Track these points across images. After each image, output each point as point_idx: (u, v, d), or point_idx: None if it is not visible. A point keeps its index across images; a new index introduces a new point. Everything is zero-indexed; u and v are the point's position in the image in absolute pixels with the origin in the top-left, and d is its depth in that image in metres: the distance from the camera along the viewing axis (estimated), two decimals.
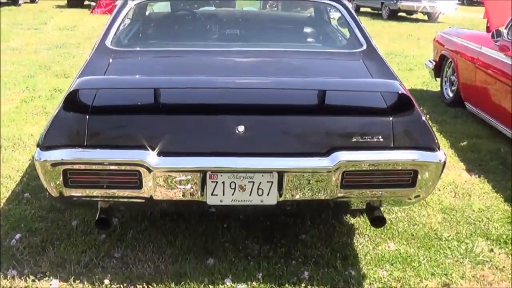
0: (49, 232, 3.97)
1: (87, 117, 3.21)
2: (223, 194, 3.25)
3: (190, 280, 3.44)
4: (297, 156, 3.23)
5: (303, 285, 3.46)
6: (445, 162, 3.30)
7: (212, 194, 3.25)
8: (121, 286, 3.40)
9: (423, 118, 3.38)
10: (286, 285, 3.45)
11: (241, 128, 3.20)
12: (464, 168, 5.47)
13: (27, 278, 3.44)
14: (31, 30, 13.69)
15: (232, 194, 3.26)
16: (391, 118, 3.29)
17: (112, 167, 3.17)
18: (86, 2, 22.44)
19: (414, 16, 22.94)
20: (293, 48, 4.46)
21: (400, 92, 3.31)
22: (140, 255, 3.72)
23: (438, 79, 8.13)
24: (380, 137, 3.25)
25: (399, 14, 22.68)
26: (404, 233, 4.12)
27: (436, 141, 3.32)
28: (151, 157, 3.13)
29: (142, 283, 3.42)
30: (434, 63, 8.10)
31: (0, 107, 6.88)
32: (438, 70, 8.01)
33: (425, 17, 22.62)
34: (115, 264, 3.63)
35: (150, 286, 3.40)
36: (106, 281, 3.41)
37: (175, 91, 3.44)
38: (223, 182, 3.22)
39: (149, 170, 3.13)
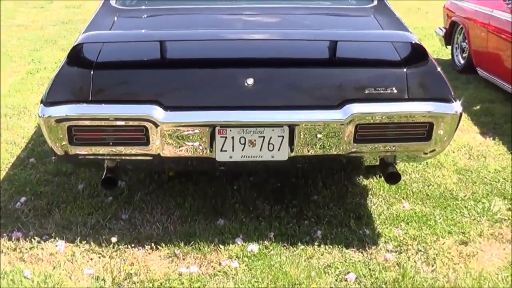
0: (54, 195, 3.88)
1: (92, 71, 3.10)
2: (233, 150, 3.14)
3: (200, 240, 3.35)
4: (309, 109, 3.11)
5: (316, 243, 3.36)
6: (461, 114, 3.17)
7: (221, 150, 3.14)
8: (129, 246, 3.31)
9: (438, 69, 3.26)
10: (299, 244, 3.35)
11: (250, 81, 3.08)
12: (478, 131, 5.34)
13: (32, 239, 3.36)
14: (37, 9, 13.50)
15: (242, 150, 3.15)
16: (405, 69, 3.16)
17: (118, 123, 3.06)
18: None
19: None
20: (301, 4, 4.32)
21: (413, 42, 3.19)
22: (148, 216, 3.63)
23: (449, 47, 7.96)
24: (394, 88, 3.13)
25: None
26: (419, 193, 4.01)
27: (452, 92, 3.20)
28: (158, 111, 3.02)
29: (151, 243, 3.33)
30: (444, 30, 7.93)
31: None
32: (448, 37, 7.83)
33: None
34: (122, 225, 3.54)
35: (158, 246, 3.32)
36: (113, 240, 3.33)
37: (182, 45, 3.32)
38: (233, 137, 3.11)
39: (156, 125, 3.02)
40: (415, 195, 3.98)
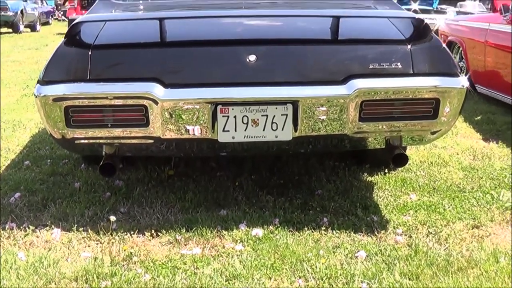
0: (50, 192, 3.75)
1: (90, 50, 3.02)
2: (235, 130, 3.04)
3: (202, 226, 3.21)
4: (312, 84, 3.02)
5: (323, 228, 3.23)
6: (467, 89, 3.09)
7: (223, 130, 3.03)
8: (128, 233, 3.18)
9: (443, 45, 3.20)
10: (305, 229, 3.22)
11: (252, 58, 3.00)
12: (481, 137, 5.27)
13: (27, 228, 3.22)
14: (32, 50, 13.62)
15: (245, 130, 3.04)
16: (409, 45, 3.09)
17: (117, 102, 2.95)
18: None
19: None
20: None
21: (416, 17, 3.15)
22: (148, 209, 3.50)
23: None
24: (398, 64, 3.05)
25: None
26: (425, 187, 3.90)
27: (457, 66, 3.14)
28: (158, 89, 2.92)
29: (151, 231, 3.19)
30: None
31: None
32: None
33: None
34: (121, 217, 3.40)
35: (159, 233, 3.18)
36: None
37: (183, 23, 3.26)
38: (235, 117, 3.01)
39: (156, 103, 2.91)
40: (422, 188, 3.88)
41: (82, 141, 3.11)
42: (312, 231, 3.21)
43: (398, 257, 2.91)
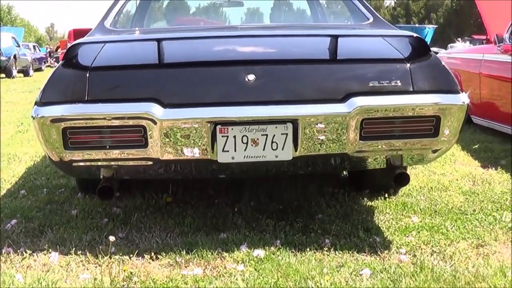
0: (47, 219, 3.69)
1: (88, 72, 3.00)
2: (235, 150, 3.01)
3: (203, 248, 3.15)
4: (312, 103, 3.00)
5: (325, 249, 3.18)
6: (468, 105, 3.09)
7: (223, 151, 3.00)
8: (127, 256, 3.11)
9: (442, 62, 3.20)
10: (307, 250, 3.17)
11: (251, 77, 2.99)
12: (479, 164, 5.26)
13: (24, 252, 3.15)
14: (25, 93, 13.67)
15: (245, 150, 3.01)
16: (408, 63, 3.09)
17: (115, 123, 2.93)
18: None
19: None
20: (301, 24, 4.30)
21: (414, 35, 3.15)
22: (146, 234, 3.44)
23: None
24: (398, 81, 3.04)
25: None
26: (427, 210, 3.86)
27: (457, 83, 3.13)
28: (156, 109, 2.89)
29: (150, 253, 3.13)
30: None
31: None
32: None
33: None
34: (119, 241, 3.34)
35: (159, 256, 3.12)
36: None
37: (181, 44, 3.26)
38: (234, 136, 2.98)
39: (154, 123, 2.89)
40: (423, 211, 3.84)
41: (80, 163, 3.07)
42: (315, 252, 3.16)
43: (403, 274, 2.85)
